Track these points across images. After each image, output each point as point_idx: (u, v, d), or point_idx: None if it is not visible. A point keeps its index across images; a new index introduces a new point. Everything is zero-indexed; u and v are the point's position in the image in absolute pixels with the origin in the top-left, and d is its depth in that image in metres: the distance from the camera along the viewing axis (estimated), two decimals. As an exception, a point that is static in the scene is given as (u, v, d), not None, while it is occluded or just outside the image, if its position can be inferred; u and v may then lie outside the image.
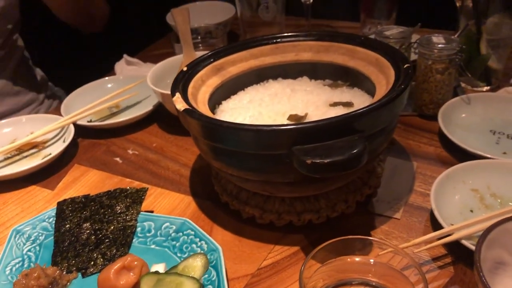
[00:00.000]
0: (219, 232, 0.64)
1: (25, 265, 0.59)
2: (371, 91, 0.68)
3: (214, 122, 0.56)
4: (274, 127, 0.53)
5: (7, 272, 0.57)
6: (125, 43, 1.19)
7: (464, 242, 0.55)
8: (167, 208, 0.69)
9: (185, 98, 0.63)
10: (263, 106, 0.69)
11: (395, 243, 0.59)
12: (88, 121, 0.88)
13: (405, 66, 0.61)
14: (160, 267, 0.54)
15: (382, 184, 0.69)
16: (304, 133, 0.52)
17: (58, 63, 1.33)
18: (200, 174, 0.76)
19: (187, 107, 0.59)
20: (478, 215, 0.60)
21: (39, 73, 1.23)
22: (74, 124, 0.85)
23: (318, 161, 0.49)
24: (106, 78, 1.01)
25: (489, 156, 0.68)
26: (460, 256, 0.57)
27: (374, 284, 0.51)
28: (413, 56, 0.84)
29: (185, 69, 0.69)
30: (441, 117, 0.77)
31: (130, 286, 0.52)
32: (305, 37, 0.75)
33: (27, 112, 1.11)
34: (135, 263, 0.53)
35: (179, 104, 0.60)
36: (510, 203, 0.62)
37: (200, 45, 1.00)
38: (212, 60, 0.72)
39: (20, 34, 1.14)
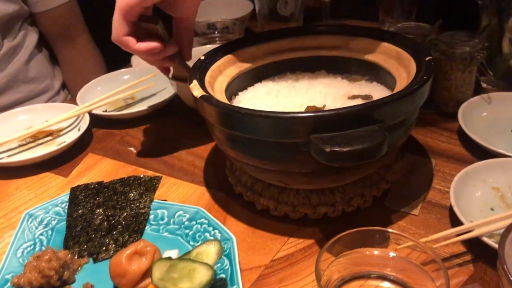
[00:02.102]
0: (233, 223, 0.63)
1: (37, 249, 0.58)
2: (390, 85, 0.66)
3: (231, 108, 0.55)
4: (293, 114, 0.52)
5: (19, 255, 0.57)
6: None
7: (485, 239, 0.53)
8: (181, 198, 0.68)
9: (202, 85, 0.62)
10: (281, 98, 0.68)
11: (413, 239, 0.57)
12: (103, 111, 0.88)
13: (427, 58, 0.60)
14: (173, 253, 0.53)
15: (400, 180, 0.68)
16: (323, 121, 0.51)
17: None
18: (214, 165, 0.75)
19: (204, 93, 0.58)
20: (499, 213, 0.58)
21: (55, 63, 1.24)
22: (89, 113, 0.85)
23: (337, 149, 0.48)
24: (123, 69, 1.01)
25: (511, 155, 0.66)
26: (480, 254, 0.55)
27: (392, 278, 0.50)
28: (434, 54, 0.83)
29: (202, 58, 0.68)
30: (461, 116, 0.75)
31: (142, 272, 0.51)
32: (324, 30, 0.74)
33: (42, 101, 1.12)
34: (148, 248, 0.53)
35: (196, 91, 0.59)
36: (532, 203, 0.61)
37: (217, 39, 1.00)
38: (230, 50, 0.71)
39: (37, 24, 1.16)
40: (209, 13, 1.16)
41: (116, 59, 1.18)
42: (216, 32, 1.04)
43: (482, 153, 0.69)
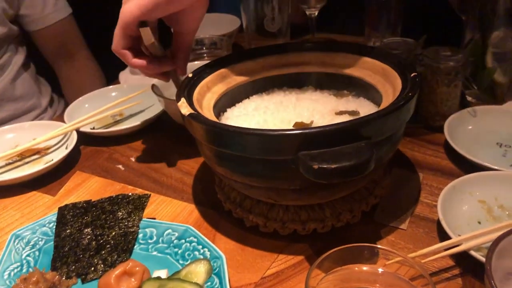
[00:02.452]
0: (222, 241, 0.63)
1: (24, 270, 0.58)
2: (377, 101, 0.67)
3: (219, 126, 0.55)
4: (281, 132, 0.52)
5: (5, 277, 0.56)
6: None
7: (473, 253, 0.54)
8: (170, 216, 0.68)
9: (191, 103, 0.62)
10: (269, 114, 0.68)
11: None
12: (91, 129, 0.88)
13: (412, 74, 0.60)
14: (162, 273, 0.53)
15: (388, 195, 0.68)
16: (310, 138, 0.51)
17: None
18: (203, 182, 0.75)
19: (192, 111, 0.59)
20: (486, 226, 0.59)
21: (41, 81, 1.23)
22: (77, 131, 0.84)
23: (325, 166, 0.48)
24: (111, 86, 1.00)
25: (496, 168, 0.67)
26: (468, 267, 0.55)
27: (381, 294, 0.50)
28: (419, 68, 0.84)
29: (190, 75, 0.68)
30: (447, 129, 0.76)
31: (131, 292, 0.51)
32: (311, 46, 0.75)
33: (29, 119, 1.11)
34: (137, 268, 0.52)
35: (184, 109, 0.60)
36: (518, 215, 0.61)
37: (205, 55, 1.00)
38: (217, 67, 0.71)
39: (25, 42, 1.15)
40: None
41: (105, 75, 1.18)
42: (204, 48, 1.04)
43: (468, 166, 0.70)
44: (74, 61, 1.20)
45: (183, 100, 0.61)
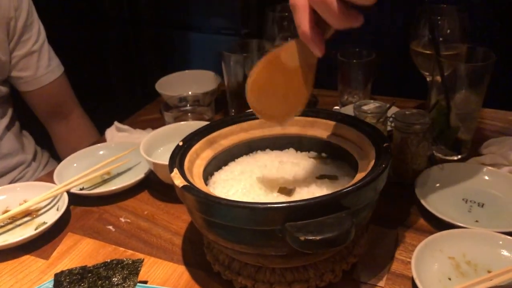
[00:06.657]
0: (213, 302, 0.66)
1: None
2: (353, 165, 0.73)
3: (211, 199, 0.60)
4: (268, 205, 0.57)
5: None
6: (113, 110, 1.23)
7: (445, 311, 0.59)
8: (161, 278, 0.71)
9: (182, 173, 0.67)
10: (253, 178, 0.73)
11: (381, 312, 0.62)
12: (80, 189, 0.91)
13: (384, 145, 0.67)
14: None
15: (366, 252, 0.73)
16: (296, 211, 0.56)
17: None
18: (191, 242, 0.78)
19: (185, 183, 0.63)
20: (456, 282, 0.65)
21: (26, 135, 1.25)
22: (67, 192, 0.87)
23: (311, 238, 0.53)
24: (98, 144, 1.04)
25: (462, 225, 0.73)
26: (441, 324, 0.60)
27: None
28: (390, 127, 0.91)
29: (180, 144, 0.73)
30: (418, 187, 0.82)
31: None
32: (291, 112, 0.81)
33: (15, 174, 1.12)
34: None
35: (177, 180, 0.64)
36: (484, 270, 0.67)
37: (189, 114, 1.05)
38: (205, 134, 0.76)
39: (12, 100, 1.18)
40: (179, 87, 1.22)
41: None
42: (188, 105, 1.09)
43: (439, 222, 0.76)
44: (68, 120, 1.20)
45: (175, 171, 0.66)
